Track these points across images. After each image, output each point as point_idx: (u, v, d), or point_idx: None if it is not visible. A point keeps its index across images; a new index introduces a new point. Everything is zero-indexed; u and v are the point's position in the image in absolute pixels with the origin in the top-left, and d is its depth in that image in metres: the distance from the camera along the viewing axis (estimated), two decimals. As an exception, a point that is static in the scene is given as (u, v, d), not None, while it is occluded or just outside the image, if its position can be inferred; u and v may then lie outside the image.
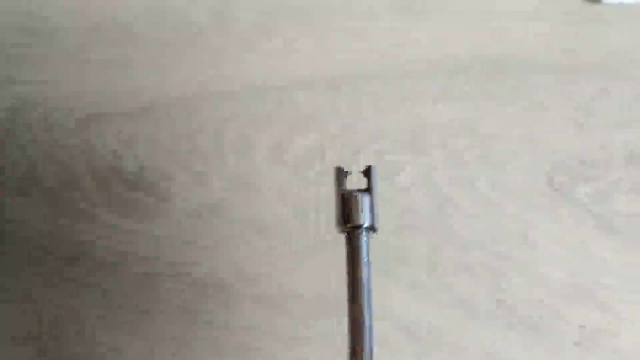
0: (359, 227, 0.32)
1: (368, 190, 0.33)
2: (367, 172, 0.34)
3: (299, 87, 0.51)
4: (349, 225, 0.33)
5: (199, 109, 0.51)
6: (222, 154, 0.51)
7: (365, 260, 0.32)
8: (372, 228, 0.33)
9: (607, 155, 0.49)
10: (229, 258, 0.50)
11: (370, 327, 0.31)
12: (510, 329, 0.48)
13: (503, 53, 0.50)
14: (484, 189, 0.49)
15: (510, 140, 0.49)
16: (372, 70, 0.51)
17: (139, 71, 0.52)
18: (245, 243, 0.50)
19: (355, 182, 0.34)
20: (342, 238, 0.35)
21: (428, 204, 0.49)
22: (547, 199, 0.49)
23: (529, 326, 0.47)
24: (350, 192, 0.33)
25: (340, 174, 0.34)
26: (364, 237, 0.33)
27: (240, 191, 0.50)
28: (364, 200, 0.33)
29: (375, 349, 0.32)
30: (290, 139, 0.51)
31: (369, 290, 0.32)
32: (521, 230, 0.48)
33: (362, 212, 0.33)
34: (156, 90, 0.52)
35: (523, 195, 0.49)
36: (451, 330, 0.48)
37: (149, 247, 0.50)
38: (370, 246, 0.41)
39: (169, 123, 0.51)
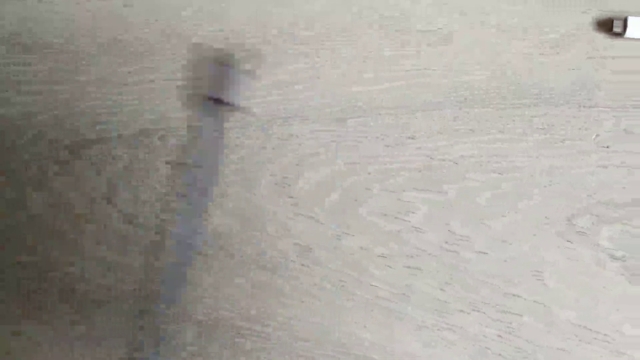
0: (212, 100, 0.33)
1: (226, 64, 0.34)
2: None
3: (305, 120, 0.49)
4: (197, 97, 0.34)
5: (194, 137, 0.50)
6: (225, 187, 0.49)
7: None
8: (226, 103, 0.33)
9: (630, 197, 0.47)
10: (231, 295, 0.48)
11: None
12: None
13: (521, 86, 0.48)
14: (498, 228, 0.47)
15: (527, 177, 0.47)
16: (381, 104, 0.49)
17: (135, 95, 0.50)
18: (247, 279, 0.48)
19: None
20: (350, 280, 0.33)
21: (439, 243, 0.47)
22: (565, 240, 0.46)
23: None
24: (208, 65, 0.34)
25: (197, 48, 0.34)
26: (213, 112, 0.34)
27: (243, 226, 0.49)
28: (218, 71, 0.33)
29: None
30: (296, 174, 0.49)
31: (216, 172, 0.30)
32: (535, 270, 0.46)
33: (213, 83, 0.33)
34: (155, 115, 0.50)
35: (540, 234, 0.47)
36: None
37: (148, 283, 0.48)
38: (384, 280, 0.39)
39: (166, 152, 0.49)
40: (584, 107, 0.48)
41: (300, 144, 0.49)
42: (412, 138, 0.49)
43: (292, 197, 0.49)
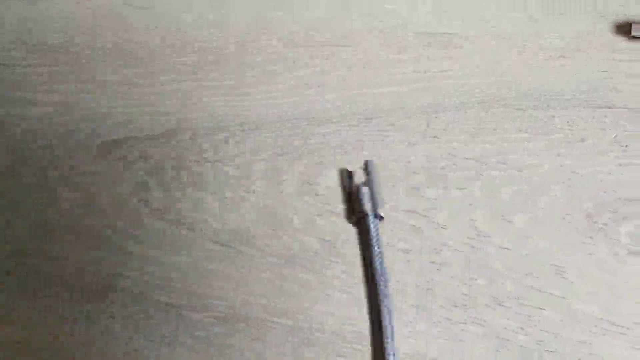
0: (365, 215, 0.35)
1: (368, 183, 0.37)
2: (366, 167, 0.38)
3: (329, 119, 0.50)
4: (355, 215, 0.36)
5: (227, 137, 0.51)
6: (251, 183, 0.50)
7: (375, 244, 0.35)
8: (377, 216, 0.35)
9: (649, 194, 0.48)
10: (258, 290, 0.49)
11: (388, 306, 0.34)
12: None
13: (538, 86, 0.50)
14: (520, 224, 0.48)
15: (547, 175, 0.49)
16: (402, 103, 0.50)
17: (164, 95, 0.52)
18: (273, 274, 0.49)
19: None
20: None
21: (462, 239, 0.48)
22: (585, 235, 0.48)
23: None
24: (353, 187, 0.36)
25: (343, 173, 0.37)
26: (370, 224, 0.35)
27: (269, 221, 0.50)
28: (365, 191, 0.36)
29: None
30: (320, 172, 0.50)
31: (383, 272, 0.34)
32: (556, 266, 0.48)
33: (364, 202, 0.36)
34: (181, 115, 0.51)
35: (561, 230, 0.48)
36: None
37: (177, 278, 0.49)
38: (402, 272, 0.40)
39: (195, 149, 0.51)
40: (602, 108, 0.50)
41: (322, 143, 0.51)
42: (435, 137, 0.50)
43: (317, 195, 0.50)
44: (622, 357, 0.46)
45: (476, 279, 0.48)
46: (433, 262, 0.49)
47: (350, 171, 0.37)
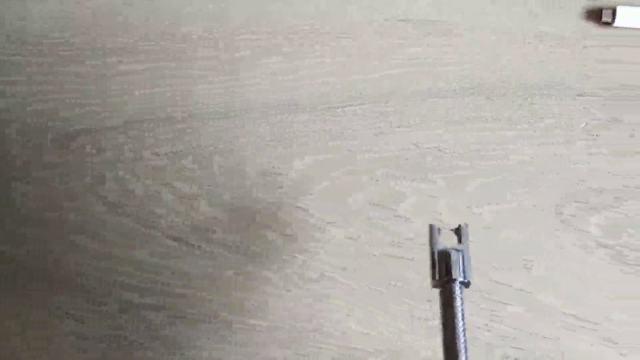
0: (454, 280, 0.33)
1: (459, 246, 0.35)
2: (458, 230, 0.36)
3: (296, 108, 0.49)
4: (444, 280, 0.34)
5: (188, 127, 0.50)
6: (213, 176, 0.49)
7: (460, 313, 0.33)
8: (465, 283, 0.34)
9: (620, 185, 0.47)
10: (218, 287, 0.48)
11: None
12: (509, 364, 0.45)
13: (511, 76, 0.48)
14: (487, 216, 0.47)
15: (517, 166, 0.47)
16: (368, 94, 0.49)
17: (125, 85, 0.50)
18: (236, 271, 0.48)
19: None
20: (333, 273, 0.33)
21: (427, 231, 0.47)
22: (554, 227, 0.46)
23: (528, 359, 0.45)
24: (444, 249, 0.34)
25: (434, 231, 0.35)
26: (457, 290, 0.33)
27: (232, 216, 0.49)
28: (457, 256, 0.34)
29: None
30: (285, 164, 0.49)
31: (465, 341, 0.32)
32: (524, 259, 0.46)
33: (455, 267, 0.34)
34: (142, 106, 0.50)
35: (529, 222, 0.47)
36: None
37: (134, 275, 0.48)
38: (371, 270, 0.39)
39: (152, 141, 0.50)
40: (573, 96, 0.48)
41: (290, 133, 0.49)
42: (401, 127, 0.49)
43: (281, 188, 0.49)
44: (589, 353, 0.45)
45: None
46: (395, 256, 0.47)
47: (439, 229, 0.35)
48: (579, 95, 0.48)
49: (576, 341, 0.45)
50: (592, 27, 0.49)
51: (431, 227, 0.36)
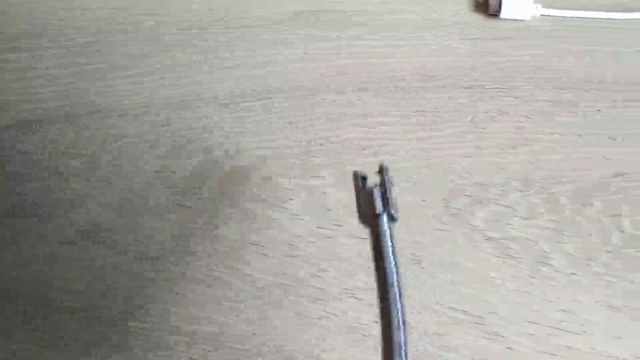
0: (378, 215, 0.38)
1: (382, 185, 0.39)
2: (380, 170, 0.40)
3: (186, 105, 0.48)
4: (368, 216, 0.38)
5: (80, 124, 0.48)
6: (103, 175, 0.48)
7: (389, 247, 0.37)
8: (391, 217, 0.38)
9: (504, 178, 0.46)
10: (112, 287, 0.47)
11: (402, 307, 0.36)
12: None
13: (398, 68, 0.48)
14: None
15: (403, 160, 0.47)
16: (257, 90, 0.48)
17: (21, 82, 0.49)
18: (126, 272, 0.47)
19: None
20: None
21: (315, 229, 0.46)
22: (441, 222, 0.46)
23: (416, 357, 0.44)
24: (368, 188, 0.39)
25: (357, 176, 0.40)
26: (384, 225, 0.37)
27: (121, 216, 0.48)
28: (378, 193, 0.38)
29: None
30: (174, 162, 0.48)
31: (398, 274, 0.36)
32: (413, 254, 0.46)
33: (377, 202, 0.38)
34: (35, 104, 0.49)
35: (416, 217, 0.46)
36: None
37: (23, 274, 0.47)
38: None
39: (45, 139, 0.48)
40: (460, 88, 0.48)
41: (178, 131, 0.48)
42: (291, 123, 0.48)
43: (169, 187, 0.48)
44: (476, 347, 0.45)
45: (328, 271, 0.46)
46: (285, 255, 0.47)
47: (364, 175, 0.40)
48: (466, 88, 0.48)
49: (463, 335, 0.45)
50: (480, 18, 0.49)
51: (354, 173, 0.40)
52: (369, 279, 0.46)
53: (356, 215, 0.46)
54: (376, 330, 0.44)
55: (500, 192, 0.46)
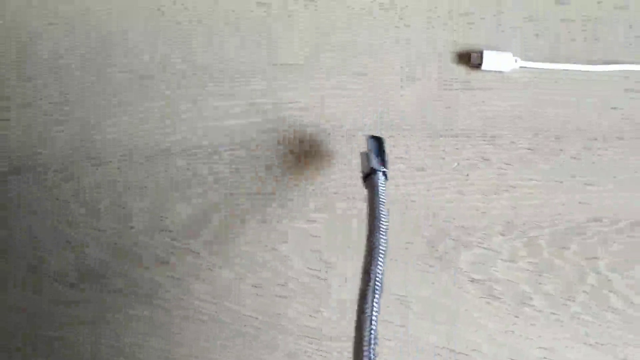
0: (375, 171, 0.42)
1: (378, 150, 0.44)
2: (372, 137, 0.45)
3: (180, 152, 0.50)
4: (365, 172, 0.43)
5: (74, 172, 0.50)
6: (99, 221, 0.50)
7: (381, 199, 0.40)
8: (384, 173, 0.42)
9: (487, 222, 0.49)
10: (108, 330, 0.48)
11: (384, 252, 0.38)
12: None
13: (382, 116, 0.50)
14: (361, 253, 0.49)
15: (392, 204, 0.49)
16: (249, 137, 0.50)
17: (13, 131, 0.51)
18: (123, 313, 0.49)
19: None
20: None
21: (307, 270, 0.49)
22: (427, 264, 0.48)
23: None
24: (364, 152, 0.44)
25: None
26: (378, 180, 0.41)
27: (119, 259, 0.49)
28: (371, 155, 0.43)
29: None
30: (171, 206, 0.50)
31: (387, 223, 0.39)
32: (400, 295, 0.48)
33: (372, 161, 0.43)
34: (28, 151, 0.51)
35: (403, 259, 0.49)
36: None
37: (23, 322, 0.49)
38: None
39: (39, 187, 0.50)
40: (444, 136, 0.50)
41: (175, 177, 0.50)
42: (280, 168, 0.51)
43: (168, 231, 0.50)
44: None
45: (321, 311, 0.48)
46: (279, 296, 0.49)
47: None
48: (450, 136, 0.50)
49: (449, 373, 0.47)
50: (462, 70, 0.51)
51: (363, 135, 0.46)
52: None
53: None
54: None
55: (483, 236, 0.49)
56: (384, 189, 0.41)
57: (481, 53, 0.51)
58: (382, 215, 0.37)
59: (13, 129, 0.51)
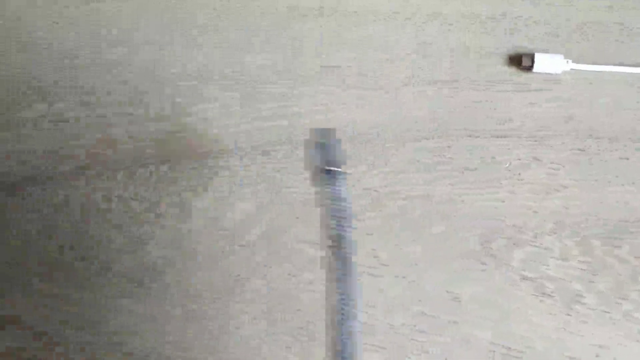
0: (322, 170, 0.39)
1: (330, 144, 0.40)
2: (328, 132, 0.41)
3: (233, 153, 0.52)
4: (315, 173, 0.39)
5: (135, 172, 0.52)
6: (160, 218, 0.51)
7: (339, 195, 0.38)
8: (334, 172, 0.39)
9: (539, 221, 0.50)
10: (167, 327, 0.50)
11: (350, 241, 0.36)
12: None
13: (431, 118, 0.51)
14: (416, 252, 0.50)
15: (444, 204, 0.50)
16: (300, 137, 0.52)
17: (72, 130, 0.53)
18: (181, 309, 0.50)
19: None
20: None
21: (360, 268, 0.50)
22: (479, 262, 0.49)
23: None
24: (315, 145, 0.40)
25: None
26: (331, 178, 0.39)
27: (178, 257, 0.51)
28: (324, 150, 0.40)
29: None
30: (227, 206, 0.51)
31: (347, 227, 0.37)
32: (452, 292, 0.49)
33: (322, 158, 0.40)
34: (89, 150, 0.52)
35: (455, 257, 0.49)
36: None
37: (88, 316, 0.50)
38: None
39: (103, 186, 0.52)
40: (496, 137, 0.51)
41: (229, 177, 0.52)
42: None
43: (224, 230, 0.51)
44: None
45: (374, 307, 0.49)
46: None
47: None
48: (502, 137, 0.51)
49: (502, 370, 0.48)
50: (514, 73, 0.52)
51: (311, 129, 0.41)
52: (412, 317, 0.49)
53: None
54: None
55: (535, 235, 0.49)
56: (338, 189, 0.39)
57: (533, 55, 0.52)
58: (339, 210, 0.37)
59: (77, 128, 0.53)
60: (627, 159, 0.50)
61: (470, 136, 0.51)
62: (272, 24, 0.55)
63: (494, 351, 0.48)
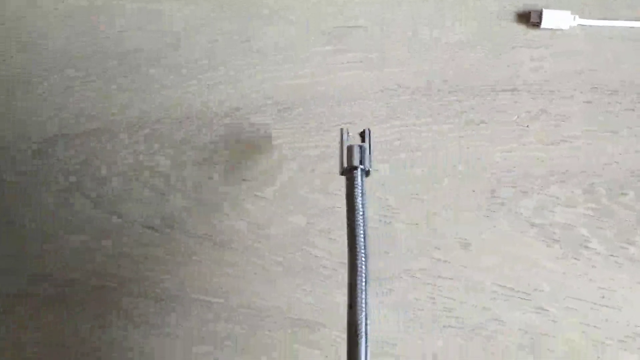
0: (355, 168, 0.41)
1: (363, 144, 0.42)
2: (362, 133, 0.44)
3: (253, 110, 0.54)
4: (347, 168, 0.41)
5: (159, 130, 0.54)
6: (182, 171, 0.54)
7: (360, 195, 0.40)
8: (365, 171, 0.41)
9: (546, 170, 0.51)
10: (189, 272, 0.52)
11: (366, 245, 0.38)
12: (450, 332, 0.50)
13: (445, 75, 0.53)
14: (428, 201, 0.52)
15: (454, 155, 0.52)
16: (320, 95, 0.54)
17: (99, 93, 0.55)
18: (204, 256, 0.53)
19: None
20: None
21: (374, 216, 0.52)
22: (489, 210, 0.51)
23: (470, 329, 0.50)
24: (350, 145, 0.42)
25: (343, 133, 0.43)
26: (358, 177, 0.40)
27: (200, 206, 0.53)
28: (358, 150, 0.42)
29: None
30: (247, 159, 0.53)
31: (365, 219, 0.39)
32: (462, 238, 0.51)
33: (356, 158, 0.41)
34: (115, 111, 0.55)
35: (465, 206, 0.51)
36: (393, 334, 0.50)
37: (109, 263, 0.53)
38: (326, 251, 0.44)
39: (129, 142, 0.54)
40: (505, 91, 0.53)
41: (251, 133, 0.54)
42: (350, 123, 0.54)
43: (245, 180, 0.54)
44: (522, 320, 0.50)
45: (388, 253, 0.51)
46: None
47: (348, 132, 0.43)
48: (511, 91, 0.53)
49: (511, 309, 0.50)
50: (522, 29, 0.54)
51: (341, 130, 0.43)
52: (424, 261, 0.51)
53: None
54: (433, 302, 0.49)
55: (542, 183, 0.51)
56: (362, 185, 0.41)
57: (540, 12, 0.54)
58: (359, 210, 0.38)
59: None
60: (633, 110, 0.51)
61: (480, 90, 0.53)
62: None
63: (502, 294, 0.50)
